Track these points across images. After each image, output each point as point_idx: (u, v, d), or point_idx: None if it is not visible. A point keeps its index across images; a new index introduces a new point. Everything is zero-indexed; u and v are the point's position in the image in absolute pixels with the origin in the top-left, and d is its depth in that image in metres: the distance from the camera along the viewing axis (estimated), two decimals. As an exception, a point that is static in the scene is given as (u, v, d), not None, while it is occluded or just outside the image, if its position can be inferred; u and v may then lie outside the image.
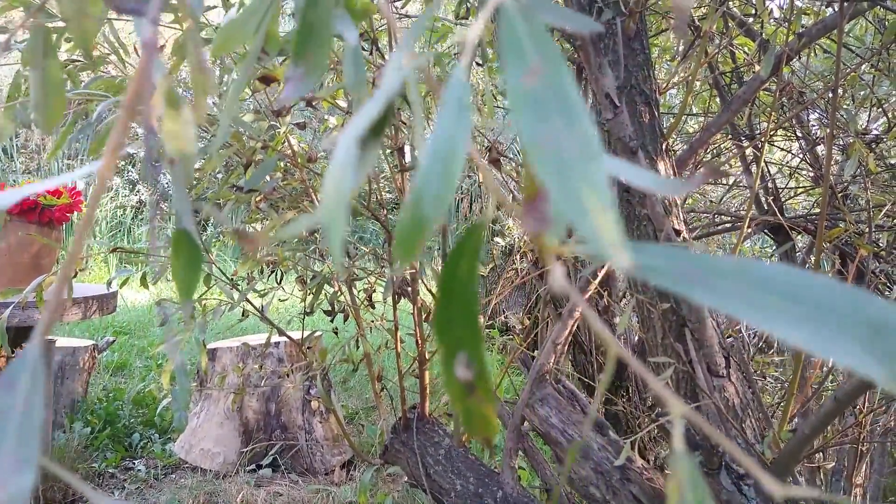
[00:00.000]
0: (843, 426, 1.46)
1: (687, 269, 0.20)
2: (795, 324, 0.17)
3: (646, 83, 1.19)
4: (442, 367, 0.24)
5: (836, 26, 1.13)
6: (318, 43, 0.33)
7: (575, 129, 0.20)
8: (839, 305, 0.18)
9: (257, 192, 1.21)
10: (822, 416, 0.85)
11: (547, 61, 0.21)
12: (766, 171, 1.73)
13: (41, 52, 0.51)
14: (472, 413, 0.24)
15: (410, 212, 0.21)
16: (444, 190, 0.21)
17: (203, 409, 2.47)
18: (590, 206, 0.19)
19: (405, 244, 0.21)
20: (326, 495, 2.13)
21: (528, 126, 0.20)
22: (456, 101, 0.23)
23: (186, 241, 0.32)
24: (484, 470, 1.42)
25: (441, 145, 0.22)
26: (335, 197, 0.23)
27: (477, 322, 0.23)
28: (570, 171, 0.19)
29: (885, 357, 0.17)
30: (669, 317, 1.11)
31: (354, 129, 0.24)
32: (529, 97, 0.20)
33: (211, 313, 1.28)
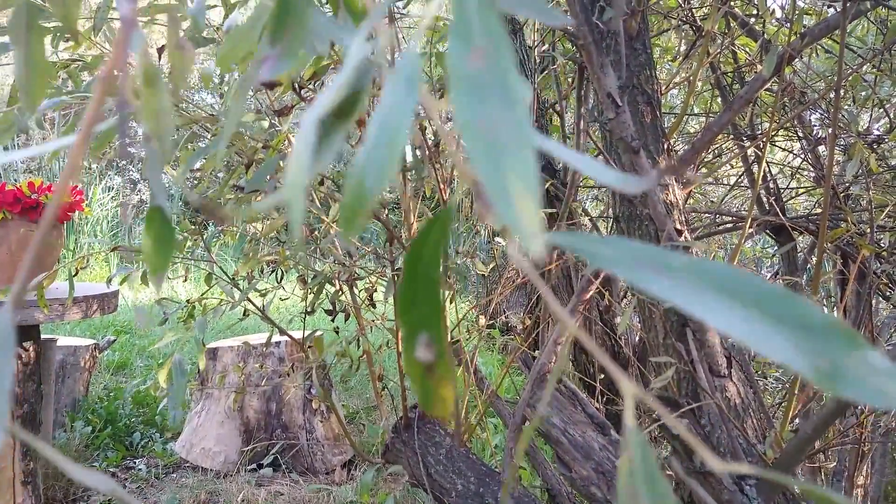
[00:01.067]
0: (844, 427, 1.45)
1: (640, 260, 0.21)
2: (735, 319, 0.19)
3: (648, 83, 1.19)
4: (404, 347, 0.24)
5: (838, 26, 1.12)
6: (295, 22, 0.33)
7: (510, 113, 0.20)
8: (775, 305, 0.19)
9: (259, 192, 1.21)
10: (824, 416, 0.85)
11: (492, 44, 0.21)
12: (767, 172, 1.73)
13: (24, 28, 0.51)
14: (430, 393, 0.25)
15: (354, 184, 0.22)
16: (387, 162, 0.21)
17: (204, 408, 2.47)
18: (514, 191, 0.19)
19: (349, 217, 0.22)
20: (327, 495, 2.13)
21: (465, 108, 0.20)
22: (405, 77, 0.23)
23: (159, 217, 0.32)
24: (485, 469, 1.42)
25: (387, 119, 0.22)
26: (295, 177, 0.23)
27: (439, 304, 0.24)
28: (500, 155, 0.19)
29: (811, 355, 0.18)
30: (671, 316, 1.11)
31: (315, 112, 0.24)
32: (470, 78, 0.20)
33: (211, 312, 1.28)
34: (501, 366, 2.70)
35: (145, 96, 0.34)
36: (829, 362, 0.18)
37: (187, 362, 3.15)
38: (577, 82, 1.51)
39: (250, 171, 1.14)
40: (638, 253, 0.21)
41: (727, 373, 1.11)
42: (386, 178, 0.21)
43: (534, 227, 0.19)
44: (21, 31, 0.47)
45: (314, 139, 0.24)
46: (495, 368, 3.21)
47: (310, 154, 0.23)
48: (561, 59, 1.53)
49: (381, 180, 0.21)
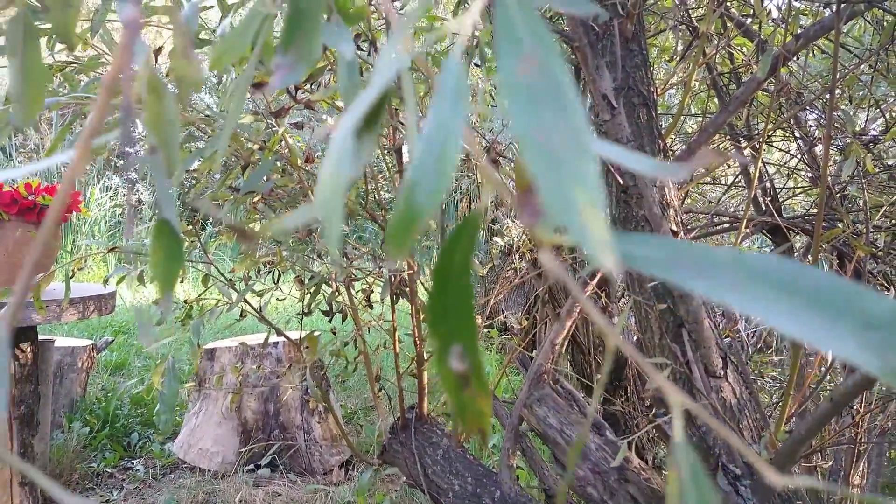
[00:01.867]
0: (840, 426, 1.46)
1: (681, 259, 0.20)
2: (790, 315, 0.17)
3: (643, 84, 1.19)
4: (436, 359, 0.23)
5: (833, 27, 1.13)
6: (307, 31, 0.32)
7: (568, 122, 0.19)
8: (833, 298, 0.18)
9: (255, 193, 1.22)
10: (818, 417, 0.85)
11: (542, 50, 0.21)
12: (764, 172, 1.73)
13: (21, 38, 0.50)
14: (466, 406, 0.24)
15: (404, 203, 0.21)
16: (438, 181, 0.21)
17: (201, 408, 2.47)
18: (579, 202, 0.18)
19: (398, 236, 0.21)
20: (325, 495, 2.13)
21: (521, 118, 0.19)
22: (451, 89, 0.22)
23: (167, 231, 0.31)
24: (482, 470, 1.42)
25: (435, 135, 0.21)
26: (332, 189, 0.22)
27: (472, 314, 0.23)
28: (561, 166, 0.19)
29: (878, 349, 0.17)
30: (666, 317, 1.12)
31: (350, 120, 0.23)
32: (523, 87, 0.20)
33: (208, 313, 1.29)
34: (499, 366, 2.70)
35: (150, 105, 0.34)
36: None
37: (184, 363, 3.15)
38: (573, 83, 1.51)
39: (247, 172, 1.14)
40: (679, 252, 0.20)
41: (723, 373, 1.12)
42: (439, 194, 0.21)
43: (603, 238, 0.18)
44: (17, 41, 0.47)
45: (351, 150, 0.23)
46: (493, 368, 3.21)
47: (347, 167, 0.22)
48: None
49: (433, 197, 0.21)
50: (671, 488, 0.19)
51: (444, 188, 0.21)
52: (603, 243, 0.18)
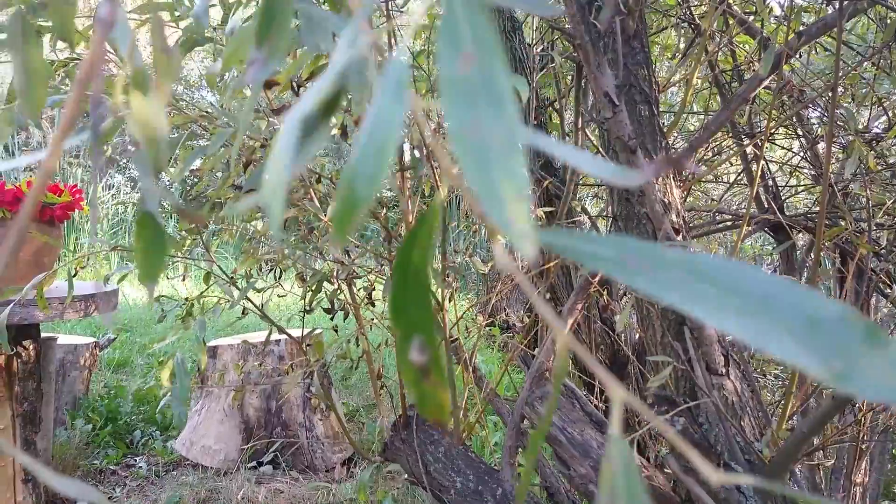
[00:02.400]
0: (842, 424, 1.46)
1: (629, 257, 0.20)
2: (734, 316, 0.18)
3: (645, 82, 1.19)
4: (398, 351, 0.25)
5: (835, 25, 1.12)
6: (279, 27, 0.33)
7: (500, 119, 0.20)
8: (779, 299, 0.18)
9: (257, 191, 1.22)
10: (820, 415, 0.85)
11: (481, 48, 0.21)
12: (766, 170, 1.73)
13: (21, 37, 0.51)
14: (426, 396, 0.25)
15: (345, 191, 0.22)
16: (377, 169, 0.21)
17: (204, 406, 2.47)
18: (506, 195, 0.19)
19: (340, 224, 0.22)
20: (327, 492, 2.13)
21: (456, 113, 0.20)
22: (394, 81, 0.23)
23: (150, 223, 0.32)
24: (483, 468, 1.42)
25: (377, 125, 0.22)
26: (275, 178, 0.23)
27: (430, 307, 0.24)
28: (490, 160, 0.19)
29: (821, 352, 0.17)
30: (668, 315, 1.12)
31: (299, 111, 0.24)
32: (460, 83, 0.20)
33: (210, 311, 1.29)
34: (501, 364, 2.70)
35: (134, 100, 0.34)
36: (844, 360, 0.16)
37: (187, 360, 3.16)
38: (576, 81, 1.51)
39: (249, 170, 1.14)
40: (629, 250, 0.20)
41: (725, 371, 1.12)
42: (376, 185, 0.21)
43: (525, 228, 0.19)
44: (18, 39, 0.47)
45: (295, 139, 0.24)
46: (495, 366, 3.22)
47: (290, 154, 0.23)
48: (559, 58, 1.53)
49: (371, 188, 0.21)
50: (603, 482, 0.19)
51: (382, 177, 0.22)
52: (525, 234, 0.19)
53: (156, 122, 0.32)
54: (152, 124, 0.32)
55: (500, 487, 1.35)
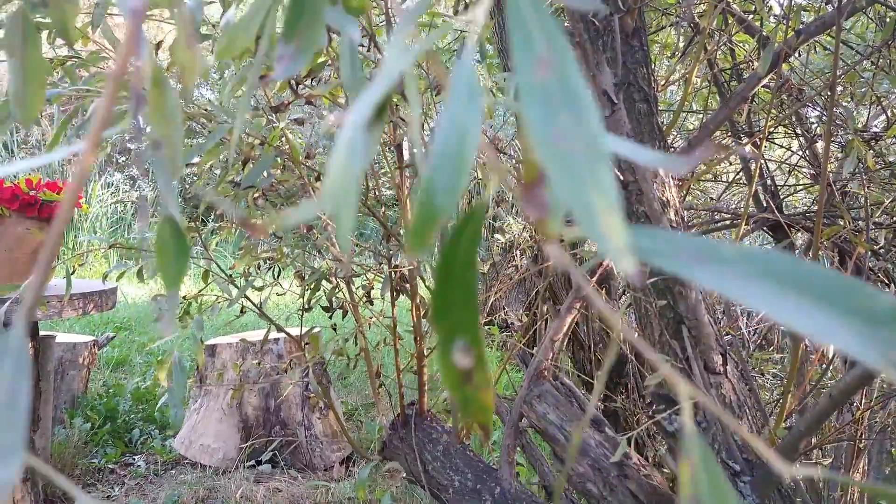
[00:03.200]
0: (840, 423, 1.46)
1: (690, 253, 0.20)
2: (795, 310, 0.18)
3: (644, 80, 1.19)
4: (439, 353, 0.23)
5: (834, 23, 1.12)
6: (309, 19, 0.32)
7: (584, 126, 0.19)
8: (836, 293, 0.18)
9: (255, 189, 1.22)
10: (818, 413, 0.85)
11: (556, 52, 0.21)
12: (764, 169, 1.73)
13: (20, 39, 0.50)
14: (469, 400, 0.24)
15: (423, 202, 0.21)
16: (456, 179, 0.21)
17: (202, 405, 2.47)
18: (598, 207, 0.19)
19: (418, 234, 0.21)
20: (325, 491, 2.13)
21: (538, 121, 0.19)
22: (465, 85, 0.22)
23: (172, 228, 0.31)
24: (482, 466, 1.42)
25: (451, 132, 0.21)
26: (342, 182, 0.22)
27: (476, 308, 0.23)
28: (578, 170, 0.19)
29: (880, 344, 0.17)
30: (667, 314, 1.12)
31: (360, 113, 0.23)
32: (539, 90, 0.20)
33: (209, 309, 1.29)
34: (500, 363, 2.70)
35: (153, 98, 0.33)
36: None
37: (185, 359, 3.16)
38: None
39: (247, 167, 1.14)
40: (686, 245, 0.20)
41: (722, 370, 1.12)
42: (457, 193, 0.21)
43: (622, 244, 0.18)
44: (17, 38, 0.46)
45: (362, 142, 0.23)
46: (494, 365, 3.22)
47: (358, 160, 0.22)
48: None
49: (451, 196, 0.21)
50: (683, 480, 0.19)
51: (462, 186, 0.21)
52: (623, 249, 0.18)
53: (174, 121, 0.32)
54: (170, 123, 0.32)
55: (498, 486, 1.35)
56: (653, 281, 1.11)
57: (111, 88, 0.25)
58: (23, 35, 0.50)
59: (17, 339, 0.22)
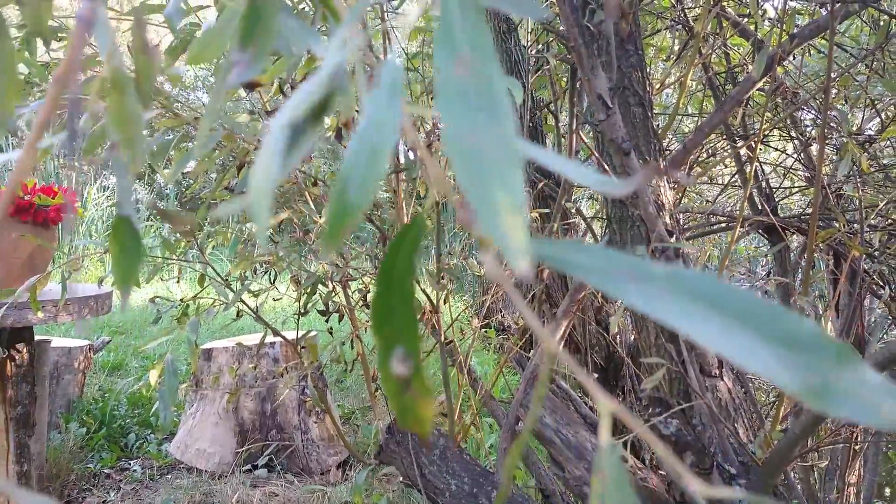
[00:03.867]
0: (836, 425, 1.46)
1: (617, 269, 0.20)
2: (718, 333, 0.18)
3: (639, 84, 1.19)
4: (379, 361, 0.23)
5: (828, 27, 1.13)
6: (264, 26, 0.33)
7: (497, 127, 0.19)
8: (761, 318, 0.18)
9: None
10: (813, 417, 0.85)
11: (477, 52, 0.20)
12: (759, 172, 1.74)
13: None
14: (406, 409, 0.24)
15: (337, 199, 0.21)
16: (370, 176, 0.21)
17: (199, 409, 2.47)
18: (501, 207, 0.18)
19: (332, 232, 0.21)
20: (322, 495, 2.13)
21: (451, 118, 0.19)
22: (388, 85, 0.22)
23: (126, 227, 0.31)
24: (479, 470, 1.42)
25: (370, 131, 0.21)
26: (261, 183, 0.22)
27: (414, 317, 0.23)
28: (487, 170, 0.19)
29: (799, 370, 0.17)
30: (662, 317, 1.12)
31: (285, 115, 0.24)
32: (457, 88, 0.20)
33: (204, 313, 1.28)
34: (496, 366, 2.70)
35: (112, 101, 0.33)
36: (819, 378, 0.17)
37: (182, 363, 3.15)
38: (570, 84, 1.51)
39: (242, 172, 1.14)
40: (617, 262, 0.20)
41: (718, 373, 1.12)
42: (369, 192, 0.21)
43: (521, 244, 0.18)
44: None
45: (282, 144, 0.23)
46: (490, 368, 3.21)
47: (277, 159, 0.23)
48: (553, 60, 1.54)
49: (364, 194, 0.21)
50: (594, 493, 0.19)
51: (376, 183, 0.21)
52: (520, 249, 0.18)
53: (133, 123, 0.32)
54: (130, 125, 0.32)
55: (494, 490, 1.35)
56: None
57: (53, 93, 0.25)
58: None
59: None
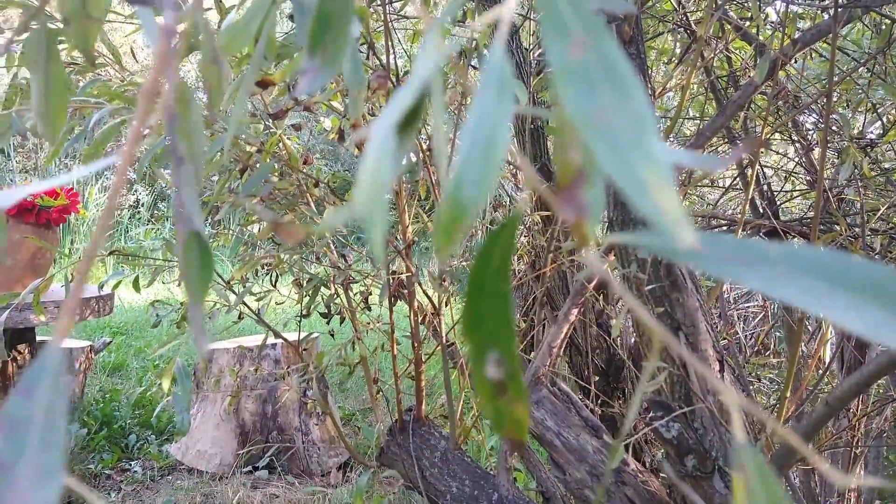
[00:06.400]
0: (837, 429, 1.46)
1: (735, 255, 0.19)
2: (845, 309, 0.17)
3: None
4: (472, 365, 0.23)
5: (830, 31, 1.13)
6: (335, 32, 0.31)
7: (627, 101, 0.19)
8: (884, 288, 0.17)
9: (253, 196, 1.22)
10: (814, 421, 0.85)
11: (590, 31, 0.20)
12: (761, 175, 1.74)
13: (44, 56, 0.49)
14: (502, 414, 0.23)
15: (450, 198, 0.20)
16: (485, 173, 0.20)
17: (199, 410, 2.47)
18: (649, 180, 0.18)
19: (445, 231, 0.20)
20: (323, 497, 2.13)
21: (576, 101, 0.19)
22: (496, 79, 0.21)
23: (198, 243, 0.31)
24: (480, 472, 1.42)
25: (481, 127, 0.20)
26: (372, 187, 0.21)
27: (510, 319, 0.22)
28: (625, 146, 0.18)
29: None
30: (664, 320, 1.12)
31: (390, 118, 0.23)
32: (576, 70, 0.19)
33: (207, 315, 1.29)
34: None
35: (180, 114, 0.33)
36: None
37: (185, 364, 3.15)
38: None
39: (245, 175, 1.14)
40: (728, 246, 0.20)
41: (720, 376, 1.12)
42: (486, 188, 0.20)
43: (678, 215, 0.18)
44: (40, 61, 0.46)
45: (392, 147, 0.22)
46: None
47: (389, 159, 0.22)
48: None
49: (480, 191, 0.20)
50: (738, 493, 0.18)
51: (492, 180, 0.20)
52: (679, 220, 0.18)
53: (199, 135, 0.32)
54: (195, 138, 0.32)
55: (496, 492, 1.35)
56: (650, 288, 1.12)
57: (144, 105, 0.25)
58: (46, 51, 0.49)
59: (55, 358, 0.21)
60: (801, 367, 1.44)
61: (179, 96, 0.33)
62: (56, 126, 0.49)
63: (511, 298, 0.23)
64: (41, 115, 0.48)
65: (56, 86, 0.49)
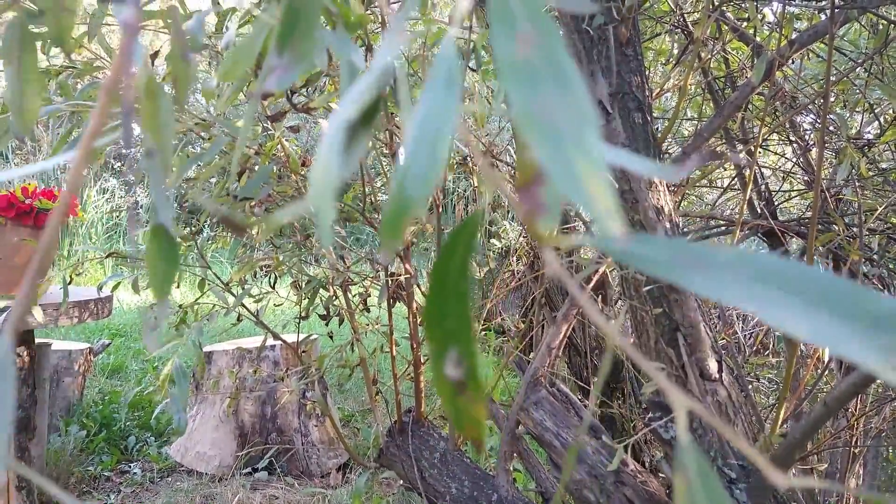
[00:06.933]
0: (835, 429, 1.46)
1: (684, 260, 0.19)
2: (795, 316, 0.17)
3: (639, 89, 1.20)
4: (432, 363, 0.23)
5: (826, 32, 1.13)
6: (303, 30, 0.32)
7: (569, 97, 0.19)
8: (838, 298, 0.17)
9: (251, 199, 1.22)
10: (812, 421, 0.86)
11: (538, 28, 0.20)
12: (759, 176, 1.74)
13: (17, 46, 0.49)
14: (461, 413, 0.23)
15: (396, 192, 0.20)
16: (430, 169, 0.20)
17: (199, 412, 2.47)
18: (583, 173, 0.18)
19: (391, 226, 0.20)
20: (322, 498, 2.13)
21: (520, 95, 0.19)
22: (443, 76, 0.21)
23: (163, 235, 0.31)
24: (479, 473, 1.42)
25: (428, 121, 0.21)
26: (323, 182, 0.22)
27: (470, 318, 0.22)
28: (563, 139, 0.18)
29: (883, 349, 0.16)
30: (662, 321, 1.12)
31: (342, 116, 0.23)
32: (520, 66, 0.19)
33: (206, 317, 1.29)
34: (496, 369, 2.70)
35: (147, 108, 0.34)
36: None
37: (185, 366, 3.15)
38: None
39: (243, 178, 1.14)
40: (679, 251, 0.19)
41: (718, 376, 1.12)
42: (430, 184, 0.20)
43: (609, 206, 0.18)
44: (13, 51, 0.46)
45: (341, 143, 0.22)
46: (490, 371, 3.21)
47: (337, 158, 0.22)
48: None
49: (424, 187, 0.20)
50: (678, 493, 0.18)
51: (438, 175, 0.20)
52: (609, 211, 0.18)
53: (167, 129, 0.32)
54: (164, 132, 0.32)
55: (495, 493, 1.35)
56: (649, 288, 1.12)
57: (104, 100, 0.25)
58: (20, 43, 0.50)
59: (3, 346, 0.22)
60: (800, 367, 1.44)
61: (147, 90, 0.33)
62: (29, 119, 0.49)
63: (471, 297, 0.23)
64: (15, 107, 0.48)
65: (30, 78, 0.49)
